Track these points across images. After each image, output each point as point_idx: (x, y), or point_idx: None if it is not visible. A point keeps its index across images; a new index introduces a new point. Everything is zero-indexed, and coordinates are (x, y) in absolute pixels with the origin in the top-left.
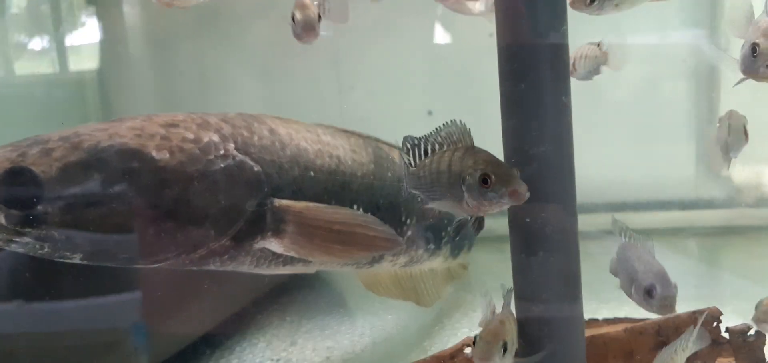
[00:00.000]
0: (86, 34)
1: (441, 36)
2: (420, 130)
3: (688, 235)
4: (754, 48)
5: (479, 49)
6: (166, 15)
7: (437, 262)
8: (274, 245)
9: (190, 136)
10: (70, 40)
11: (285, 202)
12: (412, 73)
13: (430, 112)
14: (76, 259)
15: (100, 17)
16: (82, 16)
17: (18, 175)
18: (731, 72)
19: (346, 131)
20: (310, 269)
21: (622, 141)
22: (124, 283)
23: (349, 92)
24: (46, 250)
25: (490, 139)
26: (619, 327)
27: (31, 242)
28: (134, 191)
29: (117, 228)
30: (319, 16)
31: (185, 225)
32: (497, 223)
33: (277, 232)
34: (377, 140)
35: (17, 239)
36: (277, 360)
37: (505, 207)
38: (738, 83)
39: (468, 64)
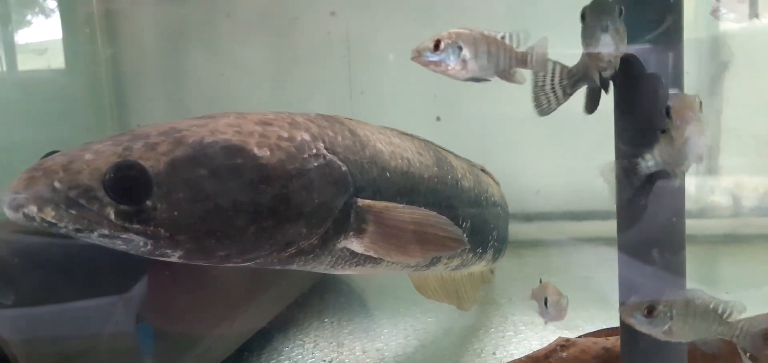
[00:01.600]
0: None
1: None
2: (428, 135)
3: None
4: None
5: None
6: (177, 16)
7: (480, 266)
8: (354, 244)
9: (285, 134)
10: None
11: (367, 202)
12: (421, 79)
13: (438, 118)
14: (173, 258)
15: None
16: None
17: (128, 169)
18: None
19: (408, 134)
20: (376, 271)
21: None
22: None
23: (359, 97)
24: (148, 247)
25: (495, 144)
26: None
27: (136, 239)
28: (238, 188)
29: (221, 225)
30: None
31: (282, 223)
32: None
33: (359, 232)
34: (433, 144)
35: (123, 236)
36: (330, 361)
37: None
38: None
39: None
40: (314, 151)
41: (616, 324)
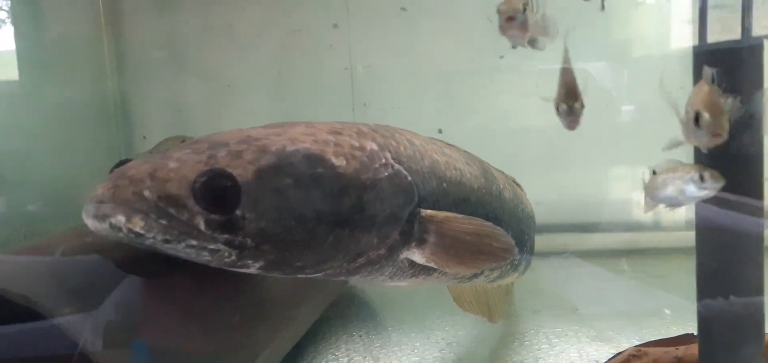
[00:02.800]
0: None
1: (453, 57)
2: None
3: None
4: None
5: (490, 69)
6: (176, 22)
7: (514, 277)
8: (416, 255)
9: (356, 143)
10: None
11: (429, 212)
12: (424, 92)
13: (440, 131)
14: (250, 269)
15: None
16: None
17: (219, 177)
18: None
19: (452, 145)
20: (427, 283)
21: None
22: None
23: (362, 109)
24: (231, 258)
25: (496, 157)
26: None
27: (223, 250)
28: (320, 197)
29: (303, 235)
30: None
31: (357, 233)
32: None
33: (421, 242)
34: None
35: (210, 247)
36: None
37: None
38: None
39: (478, 85)
40: (383, 160)
41: None
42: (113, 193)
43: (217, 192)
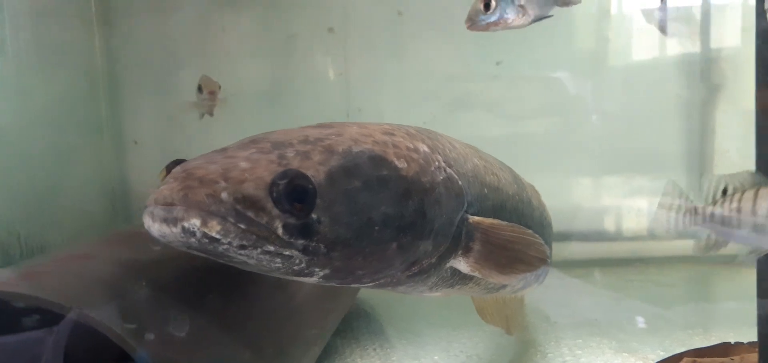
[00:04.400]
0: None
1: (449, 62)
2: None
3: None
4: None
5: (486, 75)
6: (169, 26)
7: (532, 289)
8: (461, 264)
9: (411, 145)
10: None
11: (477, 219)
12: (418, 98)
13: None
14: (312, 279)
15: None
16: None
17: (298, 179)
18: None
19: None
20: (460, 293)
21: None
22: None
23: (356, 114)
24: (301, 265)
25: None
26: None
27: (296, 257)
28: (386, 201)
29: (370, 241)
30: None
31: (418, 239)
32: None
33: (467, 250)
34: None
35: (285, 253)
36: None
37: None
38: None
39: (474, 90)
40: (437, 163)
41: None
42: (185, 195)
43: (296, 194)
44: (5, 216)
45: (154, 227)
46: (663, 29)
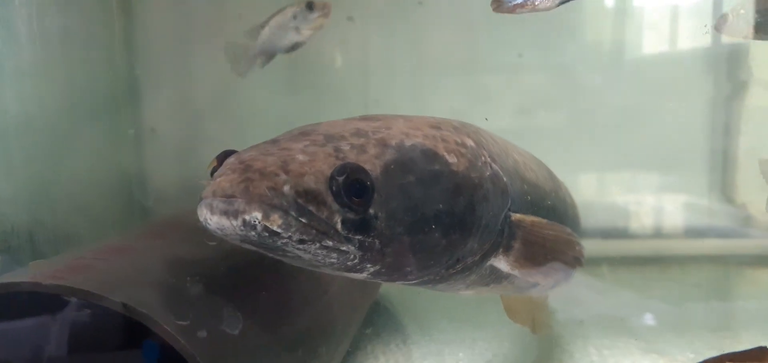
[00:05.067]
0: None
1: (469, 52)
2: None
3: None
4: None
5: (506, 66)
6: (186, 13)
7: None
8: (502, 262)
9: (458, 140)
10: None
11: (519, 216)
12: (437, 89)
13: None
14: (364, 275)
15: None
16: None
17: (357, 173)
18: None
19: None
20: (492, 292)
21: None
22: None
23: (374, 105)
24: (355, 261)
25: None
26: None
27: (352, 252)
28: (438, 196)
29: (422, 236)
30: None
31: (466, 235)
32: None
33: (507, 248)
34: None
35: (343, 248)
36: None
37: None
38: None
39: (494, 82)
40: (483, 159)
41: None
42: (246, 188)
43: (355, 189)
44: (32, 204)
45: (213, 220)
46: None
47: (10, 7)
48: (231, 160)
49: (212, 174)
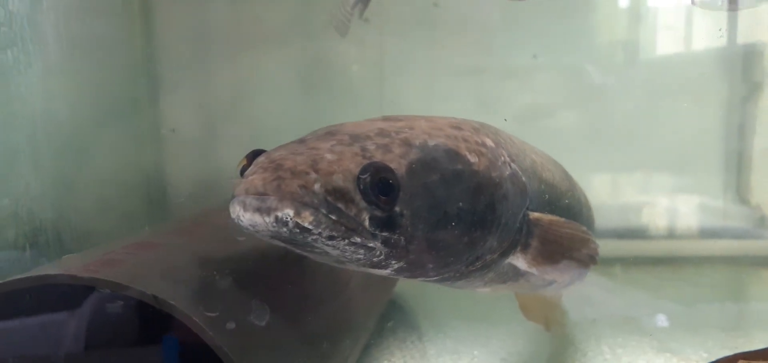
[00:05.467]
0: None
1: (484, 54)
2: None
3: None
4: None
5: (523, 68)
6: (205, 16)
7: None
8: (519, 260)
9: (479, 140)
10: None
11: (537, 215)
12: (454, 90)
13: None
14: (387, 271)
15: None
16: None
17: (384, 171)
18: None
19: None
20: (508, 290)
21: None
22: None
23: (389, 106)
24: (380, 257)
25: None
26: None
27: (378, 248)
28: (460, 194)
29: (444, 234)
30: None
31: (486, 233)
32: None
33: (525, 247)
34: None
35: (370, 244)
36: None
37: None
38: None
39: (511, 84)
40: (503, 159)
41: None
42: (278, 186)
43: (381, 187)
44: (58, 201)
45: (246, 216)
46: None
47: (39, 11)
48: (261, 158)
49: (242, 172)
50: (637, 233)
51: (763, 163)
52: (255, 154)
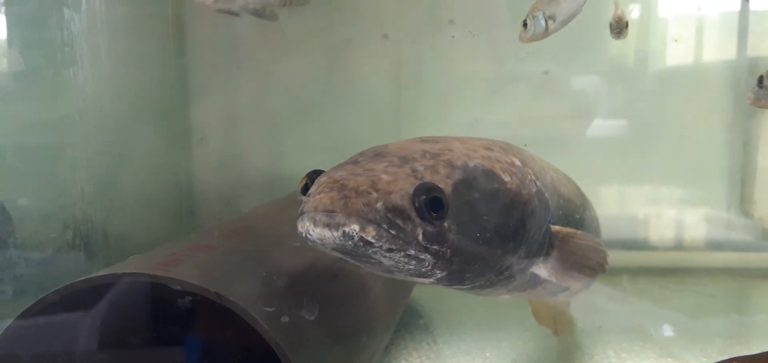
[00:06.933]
0: None
1: (498, 70)
2: None
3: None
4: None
5: (539, 78)
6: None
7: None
8: (541, 269)
9: (508, 160)
10: None
11: (557, 227)
12: (469, 105)
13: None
14: (431, 279)
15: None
16: None
17: (435, 191)
18: None
19: None
20: (526, 296)
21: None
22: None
23: (407, 119)
24: (428, 267)
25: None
26: None
27: (427, 260)
28: (497, 212)
29: (483, 248)
30: None
31: (517, 247)
32: None
33: (546, 257)
34: None
35: (421, 256)
36: None
37: None
38: None
39: (528, 94)
40: (530, 177)
41: None
42: (345, 204)
43: (433, 204)
44: (107, 206)
45: (316, 231)
46: None
47: (94, 31)
48: (323, 178)
49: (304, 190)
50: (643, 244)
51: (766, 177)
52: (315, 174)
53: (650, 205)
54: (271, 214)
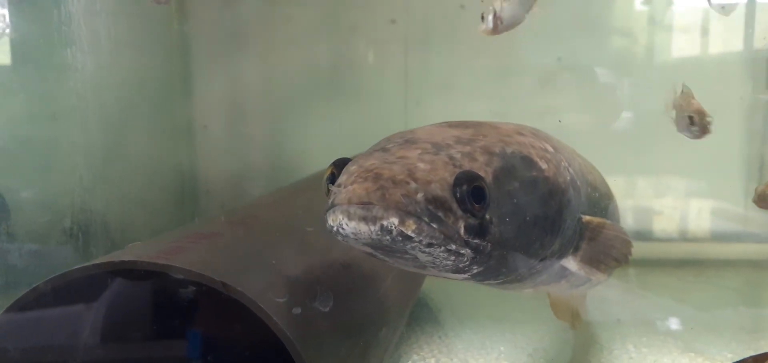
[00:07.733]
0: None
1: (510, 57)
2: None
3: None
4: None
5: (545, 70)
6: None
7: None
8: (570, 262)
9: (541, 146)
10: None
11: (587, 217)
12: (478, 93)
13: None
14: (466, 275)
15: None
16: None
17: (477, 180)
18: None
19: None
20: (548, 289)
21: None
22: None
23: (414, 106)
24: (466, 262)
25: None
26: None
27: (467, 254)
28: (536, 201)
29: (524, 239)
30: None
31: (554, 237)
32: None
33: (576, 249)
34: None
35: (462, 251)
36: None
37: None
38: None
39: (533, 87)
40: (564, 164)
41: None
42: (382, 195)
43: (475, 195)
44: (106, 194)
45: (350, 225)
46: None
47: (93, 13)
48: (353, 167)
49: (331, 181)
50: (657, 236)
51: None
52: (342, 162)
53: (667, 198)
54: (279, 202)
